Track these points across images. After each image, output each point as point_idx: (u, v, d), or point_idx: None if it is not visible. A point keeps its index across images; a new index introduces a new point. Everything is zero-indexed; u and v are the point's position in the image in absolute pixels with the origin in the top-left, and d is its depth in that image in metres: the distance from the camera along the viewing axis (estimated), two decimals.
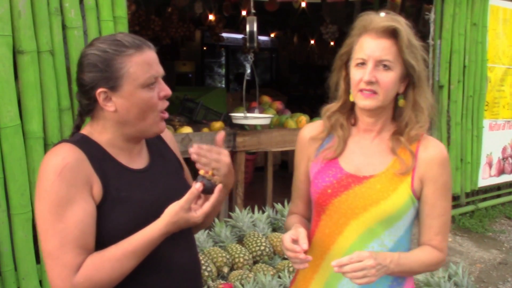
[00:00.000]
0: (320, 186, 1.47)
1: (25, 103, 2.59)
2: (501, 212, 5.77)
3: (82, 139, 1.32)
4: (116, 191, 1.29)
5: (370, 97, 1.40)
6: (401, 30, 1.37)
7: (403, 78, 1.41)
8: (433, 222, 1.45)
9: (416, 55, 1.40)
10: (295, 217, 1.62)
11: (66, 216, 1.20)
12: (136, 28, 7.36)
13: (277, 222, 3.72)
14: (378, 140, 1.47)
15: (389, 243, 1.43)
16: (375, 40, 1.39)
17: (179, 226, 1.25)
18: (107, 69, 1.26)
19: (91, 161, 1.28)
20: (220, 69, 12.76)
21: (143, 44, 1.29)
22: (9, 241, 2.60)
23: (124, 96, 1.27)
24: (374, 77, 1.38)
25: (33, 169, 2.62)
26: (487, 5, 5.29)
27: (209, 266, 2.94)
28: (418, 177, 1.42)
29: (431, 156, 1.43)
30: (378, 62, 1.38)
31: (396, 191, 1.40)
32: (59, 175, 1.21)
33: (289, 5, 6.35)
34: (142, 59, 1.27)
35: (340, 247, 1.44)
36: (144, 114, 1.29)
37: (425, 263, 1.45)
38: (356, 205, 1.41)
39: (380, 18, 1.41)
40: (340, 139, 1.49)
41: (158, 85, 1.31)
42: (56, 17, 2.69)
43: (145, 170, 1.39)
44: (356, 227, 1.42)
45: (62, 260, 1.19)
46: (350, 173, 1.45)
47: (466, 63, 5.17)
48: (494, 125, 5.66)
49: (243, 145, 4.16)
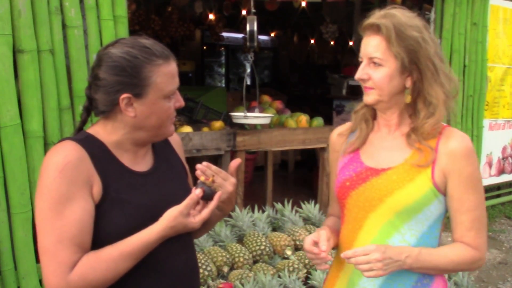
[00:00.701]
0: (340, 180, 1.49)
1: (25, 102, 2.59)
2: (501, 212, 5.78)
3: (86, 138, 1.32)
4: (115, 192, 1.29)
5: (368, 93, 1.43)
6: (383, 25, 1.36)
7: (402, 71, 1.39)
8: (463, 218, 1.39)
9: (414, 46, 1.36)
10: (329, 219, 1.64)
11: (65, 213, 1.20)
12: (136, 28, 7.35)
13: (277, 221, 3.73)
14: (398, 134, 1.47)
15: (411, 238, 1.39)
16: (366, 38, 1.41)
17: (176, 230, 1.26)
18: (136, 76, 1.27)
19: (93, 160, 1.28)
20: (220, 69, 12.75)
21: (170, 56, 1.33)
22: (9, 240, 2.60)
23: (146, 103, 1.29)
24: (365, 74, 1.41)
25: (33, 168, 2.62)
26: (487, 5, 5.29)
27: (209, 265, 2.94)
28: (439, 169, 1.38)
29: (452, 148, 1.38)
30: (369, 59, 1.40)
31: (413, 182, 1.37)
32: (60, 172, 1.21)
33: (289, 5, 6.34)
34: (169, 70, 1.31)
35: (362, 243, 1.43)
36: (161, 122, 1.33)
37: (455, 261, 1.39)
38: (373, 197, 1.41)
39: (371, 16, 1.41)
40: (362, 131, 1.51)
41: (176, 95, 1.36)
42: (56, 16, 2.69)
43: (148, 173, 1.39)
44: (375, 221, 1.42)
45: (58, 257, 1.19)
46: (370, 166, 1.45)
47: (466, 62, 5.17)
48: (494, 125, 5.66)
49: (243, 144, 4.16)
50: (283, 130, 4.49)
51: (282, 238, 3.32)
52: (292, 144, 4.57)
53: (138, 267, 1.28)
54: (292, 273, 3.01)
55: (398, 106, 1.45)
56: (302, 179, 6.74)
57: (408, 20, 1.39)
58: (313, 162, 6.42)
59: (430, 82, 1.39)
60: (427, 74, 1.38)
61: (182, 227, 1.26)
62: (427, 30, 1.41)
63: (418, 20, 1.41)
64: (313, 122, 4.76)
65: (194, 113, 5.02)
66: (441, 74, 1.40)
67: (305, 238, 1.39)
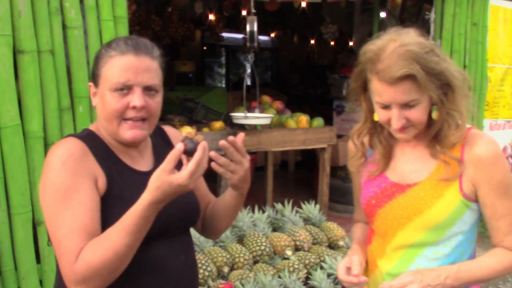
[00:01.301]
0: (366, 196, 1.45)
1: (25, 103, 2.59)
2: None
3: (88, 135, 1.33)
4: (119, 189, 1.29)
5: (406, 131, 1.34)
6: (415, 71, 1.25)
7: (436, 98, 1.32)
8: (499, 224, 1.34)
9: (438, 72, 1.29)
10: (357, 228, 1.59)
11: (73, 204, 1.19)
12: (137, 28, 7.36)
13: (277, 222, 3.72)
14: (421, 145, 1.40)
15: (445, 249, 1.35)
16: (392, 88, 1.27)
17: (163, 191, 1.15)
18: (94, 66, 1.32)
19: (96, 156, 1.28)
20: (220, 69, 12.75)
21: (129, 50, 1.28)
22: (9, 240, 2.60)
23: (99, 94, 1.31)
24: (403, 119, 1.31)
25: (33, 168, 2.62)
26: (488, 5, 5.29)
27: (209, 266, 2.93)
28: (467, 180, 1.33)
29: (478, 156, 1.33)
30: (402, 105, 1.30)
31: (442, 198, 1.32)
32: (64, 164, 1.21)
33: (289, 5, 6.35)
34: (120, 63, 1.27)
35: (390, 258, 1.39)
36: (108, 117, 1.30)
37: (496, 269, 1.34)
38: (401, 215, 1.36)
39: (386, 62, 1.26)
40: (381, 156, 1.43)
41: (132, 94, 1.27)
42: (56, 16, 2.69)
43: (150, 173, 1.37)
44: (404, 238, 1.37)
45: (69, 247, 1.17)
46: (394, 181, 1.40)
47: (467, 63, 5.17)
48: (494, 125, 5.66)
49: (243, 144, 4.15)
50: (283, 131, 4.48)
51: (282, 239, 3.32)
52: (292, 145, 4.57)
53: (137, 266, 1.27)
54: (292, 273, 3.01)
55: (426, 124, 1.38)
56: (302, 180, 6.74)
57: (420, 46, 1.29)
58: (313, 163, 6.42)
59: (458, 95, 1.34)
60: (456, 90, 1.33)
61: (168, 186, 1.15)
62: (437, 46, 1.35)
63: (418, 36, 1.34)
64: (313, 122, 4.76)
65: (194, 114, 5.02)
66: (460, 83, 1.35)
67: (338, 265, 1.36)
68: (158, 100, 1.33)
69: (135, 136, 1.30)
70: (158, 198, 1.16)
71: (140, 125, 1.30)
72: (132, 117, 1.28)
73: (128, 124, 1.29)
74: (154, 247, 1.26)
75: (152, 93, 1.31)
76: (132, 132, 1.30)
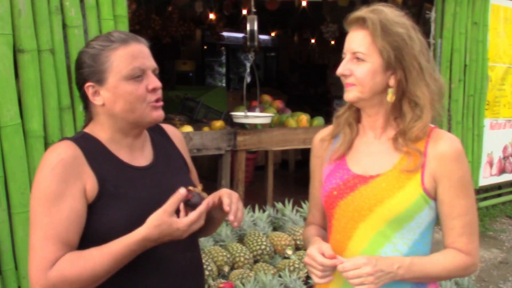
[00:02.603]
0: (327, 188, 1.43)
1: (25, 102, 2.59)
2: (501, 211, 5.77)
3: (82, 137, 1.35)
4: (114, 187, 1.29)
5: (349, 89, 1.37)
6: (369, 18, 1.32)
7: (386, 68, 1.33)
8: (455, 223, 1.34)
9: (400, 43, 1.31)
10: (312, 228, 1.57)
11: (53, 211, 1.22)
12: (137, 27, 7.35)
13: (278, 221, 3.72)
14: (385, 138, 1.41)
15: (403, 247, 1.35)
16: (350, 33, 1.37)
17: (161, 231, 1.19)
18: (94, 64, 1.30)
19: (88, 158, 1.29)
20: (220, 68, 12.75)
21: (129, 38, 1.31)
22: (10, 240, 2.60)
23: (109, 89, 1.30)
24: (347, 69, 1.36)
25: (34, 168, 2.62)
26: (488, 4, 5.29)
27: (209, 265, 2.94)
28: (429, 174, 1.33)
29: (441, 151, 1.33)
30: (353, 54, 1.35)
31: (403, 189, 1.32)
32: (52, 170, 1.23)
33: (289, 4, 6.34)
34: (126, 52, 1.29)
35: (352, 253, 1.37)
36: (131, 106, 1.30)
37: (447, 268, 1.34)
38: (362, 207, 1.36)
39: (358, 11, 1.38)
40: (346, 136, 1.45)
41: (147, 77, 1.31)
42: (56, 16, 2.69)
43: (148, 168, 1.39)
44: (365, 231, 1.37)
45: (43, 252, 1.20)
46: (357, 173, 1.40)
47: (467, 62, 5.17)
48: (495, 124, 5.65)
49: (243, 144, 4.15)
50: (284, 130, 4.48)
51: (282, 238, 3.32)
52: (292, 144, 4.57)
53: (143, 265, 1.28)
54: (292, 272, 3.01)
55: (383, 107, 1.39)
56: (303, 179, 6.70)
57: (395, 17, 1.35)
58: None
59: (416, 81, 1.33)
60: (412, 73, 1.33)
61: (167, 227, 1.19)
62: (414, 29, 1.36)
63: (406, 19, 1.37)
64: (313, 121, 4.76)
65: (194, 113, 5.02)
66: (427, 74, 1.35)
67: (310, 251, 1.33)
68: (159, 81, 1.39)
69: (160, 115, 1.35)
70: (153, 236, 1.20)
71: (161, 105, 1.35)
72: (156, 99, 1.32)
73: (154, 105, 1.32)
74: (159, 246, 1.26)
75: (157, 75, 1.35)
76: (157, 112, 1.34)
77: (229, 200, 1.32)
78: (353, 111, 1.46)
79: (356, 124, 1.46)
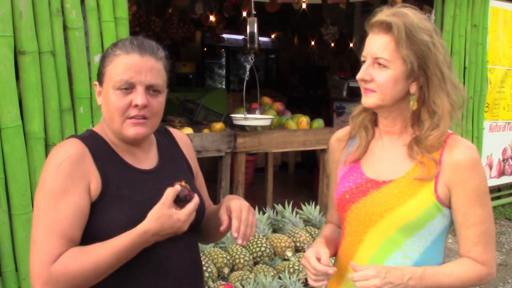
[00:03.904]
0: (340, 191, 1.43)
1: (26, 104, 2.60)
2: (501, 214, 5.78)
3: (90, 136, 1.36)
4: (116, 188, 1.30)
5: (368, 95, 1.34)
6: (395, 24, 1.27)
7: (409, 76, 1.30)
8: (469, 232, 1.31)
9: (424, 51, 1.28)
10: (327, 227, 1.57)
11: (58, 206, 1.23)
12: (137, 29, 7.36)
13: (278, 223, 3.73)
14: (400, 143, 1.38)
15: (413, 254, 1.33)
16: (373, 36, 1.32)
17: (162, 223, 1.21)
18: (101, 64, 1.35)
19: (94, 157, 1.31)
20: (220, 70, 12.75)
21: (136, 49, 1.30)
22: (10, 241, 2.61)
23: (103, 92, 1.34)
24: (368, 75, 1.32)
25: (34, 169, 2.62)
26: (488, 7, 5.30)
27: (209, 267, 2.94)
28: (443, 182, 1.31)
29: (456, 160, 1.30)
30: (374, 59, 1.31)
31: (415, 197, 1.30)
32: (59, 166, 1.25)
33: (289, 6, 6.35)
34: (123, 61, 1.29)
35: (361, 257, 1.37)
36: (110, 115, 1.32)
37: (461, 278, 1.31)
38: (373, 212, 1.34)
39: (380, 13, 1.32)
40: (362, 140, 1.43)
41: (135, 92, 1.29)
42: (57, 18, 2.69)
43: (152, 171, 1.40)
44: (375, 236, 1.35)
45: (46, 247, 1.21)
46: (370, 178, 1.38)
47: (467, 64, 5.17)
48: (495, 127, 5.66)
49: (243, 146, 4.16)
50: (284, 132, 4.49)
51: (282, 240, 3.32)
52: (292, 146, 4.57)
53: (141, 265, 1.28)
54: (292, 274, 3.01)
55: (401, 113, 1.36)
56: (303, 181, 6.74)
57: (419, 22, 1.30)
58: (313, 164, 6.42)
59: (437, 90, 1.30)
60: (434, 82, 1.30)
61: (167, 218, 1.21)
62: (437, 34, 1.32)
63: (430, 23, 1.33)
64: (313, 123, 4.77)
65: (194, 115, 5.02)
66: (448, 83, 1.32)
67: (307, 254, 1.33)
68: (161, 100, 1.35)
69: (138, 133, 1.32)
70: (155, 228, 1.21)
71: (143, 123, 1.32)
72: (134, 115, 1.30)
73: (131, 121, 1.31)
74: (158, 247, 1.27)
75: (155, 93, 1.32)
76: (134, 129, 1.31)
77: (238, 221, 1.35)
78: (369, 113, 1.44)
79: (372, 127, 1.45)
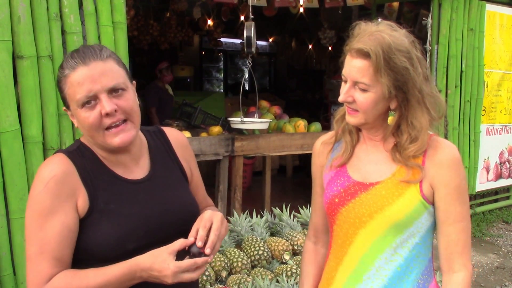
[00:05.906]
0: (329, 195, 1.46)
1: (24, 108, 2.60)
2: (498, 217, 5.79)
3: (78, 148, 1.34)
4: (104, 203, 1.29)
5: (352, 115, 1.39)
6: (372, 52, 1.29)
7: (389, 96, 1.34)
8: (450, 229, 1.37)
9: (403, 75, 1.31)
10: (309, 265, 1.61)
11: (46, 226, 1.24)
12: (135, 33, 7.37)
13: (275, 226, 3.73)
14: (383, 148, 1.43)
15: (403, 250, 1.38)
16: (352, 60, 1.34)
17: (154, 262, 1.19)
18: (60, 92, 1.32)
19: (81, 173, 1.29)
20: (218, 74, 12.78)
21: (79, 62, 1.26)
22: (8, 245, 2.61)
23: (74, 115, 1.30)
24: (350, 96, 1.36)
25: (32, 173, 2.63)
26: (484, 11, 5.33)
27: (207, 270, 2.94)
28: (427, 181, 1.36)
29: (439, 160, 1.36)
30: (354, 83, 1.34)
31: (403, 196, 1.35)
32: (45, 186, 1.24)
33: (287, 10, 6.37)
34: (75, 78, 1.25)
35: (352, 258, 1.41)
36: (89, 133, 1.29)
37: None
38: (363, 213, 1.38)
39: (359, 37, 1.33)
40: (347, 145, 1.47)
41: (100, 102, 1.25)
42: (55, 22, 2.70)
43: (142, 181, 1.37)
44: (365, 237, 1.39)
45: (38, 267, 1.23)
46: (358, 180, 1.42)
47: (463, 68, 5.20)
48: (491, 130, 5.68)
49: (241, 149, 4.17)
50: (281, 135, 4.50)
51: (280, 243, 3.33)
52: (290, 149, 4.58)
53: None
54: (290, 277, 3.01)
55: (382, 125, 1.42)
56: (300, 184, 6.75)
57: (397, 43, 1.31)
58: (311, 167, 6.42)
59: (416, 109, 1.35)
60: (412, 102, 1.35)
61: (161, 261, 1.19)
62: (415, 47, 1.36)
63: (406, 38, 1.35)
64: (311, 127, 4.78)
65: (192, 118, 5.04)
66: (427, 100, 1.36)
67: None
68: (129, 97, 1.30)
69: (124, 140, 1.29)
70: (146, 264, 1.20)
71: (124, 127, 1.28)
72: (110, 123, 1.26)
73: (112, 131, 1.27)
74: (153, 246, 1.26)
75: (119, 93, 1.28)
76: (119, 138, 1.28)
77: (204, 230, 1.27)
78: None
79: (357, 131, 1.48)
